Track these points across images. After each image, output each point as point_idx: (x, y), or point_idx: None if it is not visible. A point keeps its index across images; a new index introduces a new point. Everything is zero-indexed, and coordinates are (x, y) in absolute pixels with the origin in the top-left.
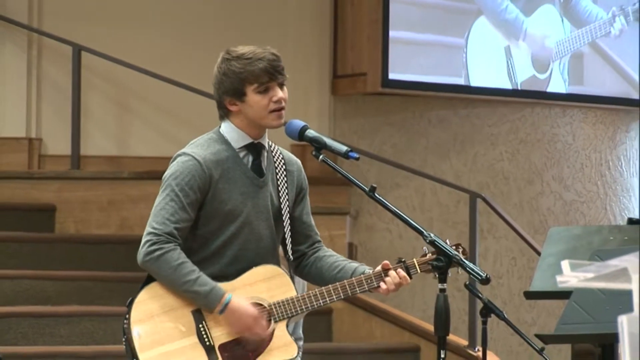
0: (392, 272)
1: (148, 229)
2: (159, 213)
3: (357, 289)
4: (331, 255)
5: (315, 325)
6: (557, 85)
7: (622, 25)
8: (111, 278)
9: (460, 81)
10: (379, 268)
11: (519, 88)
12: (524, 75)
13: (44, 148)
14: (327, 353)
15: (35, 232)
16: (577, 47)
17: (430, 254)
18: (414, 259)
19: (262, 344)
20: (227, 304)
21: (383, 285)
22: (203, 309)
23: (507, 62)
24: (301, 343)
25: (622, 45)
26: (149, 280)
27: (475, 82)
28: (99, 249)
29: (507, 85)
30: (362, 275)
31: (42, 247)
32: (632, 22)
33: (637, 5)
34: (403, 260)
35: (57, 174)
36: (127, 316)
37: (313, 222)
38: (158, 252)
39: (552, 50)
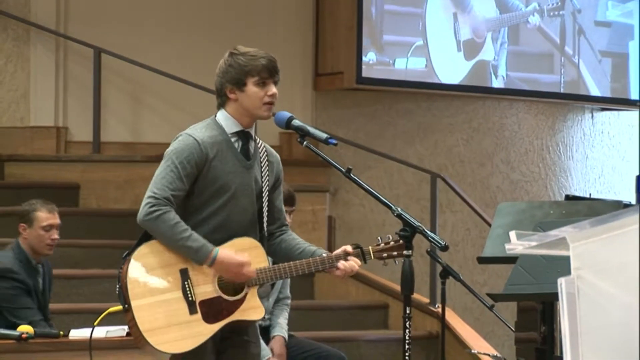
0: (350, 260)
1: (149, 193)
2: (159, 181)
3: (320, 266)
4: (295, 239)
5: (300, 286)
6: (489, 48)
7: (538, 21)
8: (127, 246)
9: (421, 42)
10: (339, 251)
11: (461, 47)
12: (465, 36)
13: (69, 135)
14: (310, 309)
15: (63, 207)
16: (502, 27)
17: (383, 244)
18: (370, 247)
19: (236, 304)
20: (214, 258)
21: (341, 267)
22: (190, 268)
23: (454, 25)
24: (289, 301)
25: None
26: (143, 238)
27: (431, 41)
28: (116, 221)
29: (452, 43)
30: (325, 256)
31: (69, 219)
32: (547, 17)
33: (553, 5)
34: (360, 247)
35: (81, 158)
36: (122, 267)
37: (283, 208)
38: (157, 213)
39: (485, 24)
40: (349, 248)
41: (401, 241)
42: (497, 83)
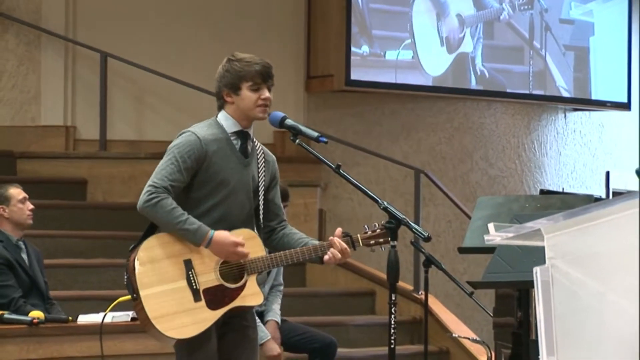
0: (335, 247)
1: (149, 182)
2: (160, 172)
3: (313, 254)
4: (296, 233)
5: (292, 274)
6: (468, 42)
7: (510, 14)
8: (131, 237)
9: (407, 36)
10: (329, 240)
11: (444, 41)
12: (447, 33)
13: (77, 134)
14: (302, 296)
15: (71, 201)
16: (478, 23)
17: (370, 232)
18: (358, 235)
19: (237, 291)
20: (211, 238)
21: (329, 255)
22: (193, 258)
23: (437, 23)
24: (282, 288)
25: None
26: (149, 231)
27: (418, 37)
28: (121, 214)
29: (436, 39)
30: (317, 245)
31: (76, 212)
32: (518, 12)
33: (522, 0)
34: (349, 235)
35: (88, 155)
36: (129, 258)
37: (281, 204)
38: (156, 199)
39: (464, 21)
40: (339, 231)
41: (385, 229)
42: (475, 74)
